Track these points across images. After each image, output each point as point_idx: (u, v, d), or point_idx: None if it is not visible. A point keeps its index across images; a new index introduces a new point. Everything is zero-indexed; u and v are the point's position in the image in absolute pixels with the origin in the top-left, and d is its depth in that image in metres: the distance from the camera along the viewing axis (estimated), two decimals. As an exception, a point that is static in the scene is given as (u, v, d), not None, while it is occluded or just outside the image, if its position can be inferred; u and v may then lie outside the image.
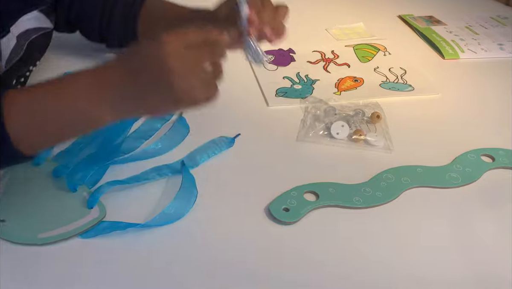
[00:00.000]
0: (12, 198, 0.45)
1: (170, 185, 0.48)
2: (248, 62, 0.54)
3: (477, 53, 0.77)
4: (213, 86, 0.42)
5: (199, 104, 0.41)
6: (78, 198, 0.45)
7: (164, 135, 0.54)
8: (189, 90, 0.39)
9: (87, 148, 0.51)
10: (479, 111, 0.64)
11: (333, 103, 0.61)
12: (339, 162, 0.53)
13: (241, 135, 0.56)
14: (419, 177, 0.51)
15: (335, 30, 0.82)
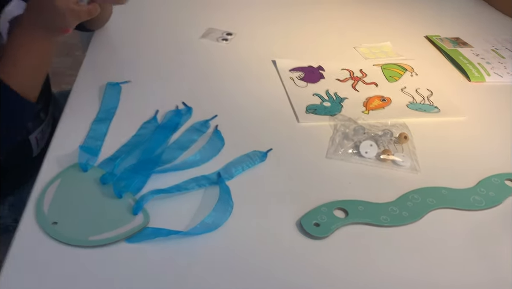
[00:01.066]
0: (63, 202, 0.48)
1: (208, 195, 0.51)
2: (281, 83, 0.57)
3: (503, 77, 0.79)
4: None
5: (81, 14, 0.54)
6: (123, 204, 0.48)
7: (202, 148, 0.57)
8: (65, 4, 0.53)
9: (130, 156, 0.55)
10: (504, 136, 0.66)
11: (361, 122, 0.63)
12: (367, 180, 0.56)
13: (273, 150, 0.59)
14: (444, 198, 0.53)
15: (363, 48, 0.85)
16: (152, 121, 0.61)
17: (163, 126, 0.60)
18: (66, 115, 0.61)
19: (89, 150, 0.54)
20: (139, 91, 0.68)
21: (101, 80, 0.68)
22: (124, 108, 0.64)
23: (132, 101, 0.66)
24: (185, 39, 0.83)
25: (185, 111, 0.64)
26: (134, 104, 0.65)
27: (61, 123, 0.60)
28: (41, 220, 0.46)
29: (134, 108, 0.64)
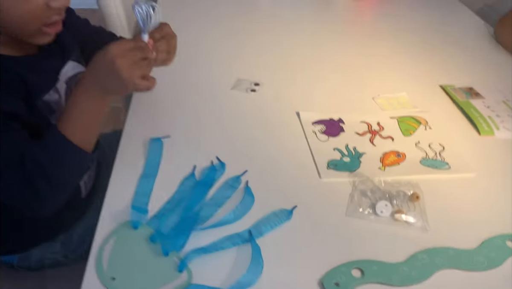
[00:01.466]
0: (119, 258, 0.57)
1: (241, 252, 0.59)
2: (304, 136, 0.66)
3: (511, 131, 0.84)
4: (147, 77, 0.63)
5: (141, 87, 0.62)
6: (170, 261, 0.56)
7: (236, 208, 0.65)
8: (131, 76, 0.60)
9: (173, 214, 0.63)
10: (509, 194, 0.72)
11: (377, 181, 0.70)
12: (382, 239, 0.63)
13: (297, 207, 0.66)
14: (450, 259, 0.60)
15: (381, 99, 0.92)
16: (190, 178, 0.69)
17: (201, 183, 0.68)
18: (116, 171, 0.70)
19: (139, 209, 0.62)
20: (178, 145, 0.76)
21: (144, 134, 0.77)
22: (166, 162, 0.72)
23: (172, 155, 0.74)
24: (217, 91, 0.91)
25: (219, 166, 0.72)
26: (174, 159, 0.73)
27: (112, 180, 0.68)
28: (101, 275, 0.54)
29: (174, 163, 0.72)
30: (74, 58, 0.78)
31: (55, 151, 0.62)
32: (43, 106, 0.69)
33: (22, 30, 0.64)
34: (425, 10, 1.39)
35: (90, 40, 0.86)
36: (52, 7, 0.62)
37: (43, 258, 0.81)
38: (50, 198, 0.64)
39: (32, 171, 0.60)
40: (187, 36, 1.09)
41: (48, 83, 0.71)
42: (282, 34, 1.17)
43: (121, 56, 0.59)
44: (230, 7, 1.31)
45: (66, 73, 0.76)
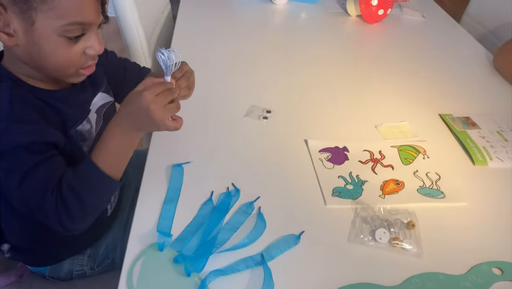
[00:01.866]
0: (146, 277, 0.64)
1: (254, 274, 0.66)
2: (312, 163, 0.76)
3: (504, 161, 0.91)
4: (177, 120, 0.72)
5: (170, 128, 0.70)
6: (192, 281, 0.64)
7: (249, 233, 0.72)
8: (163, 118, 0.68)
9: (194, 236, 0.70)
10: (498, 222, 0.79)
11: (377, 209, 0.78)
12: (380, 263, 0.70)
13: (304, 232, 0.73)
14: (440, 284, 0.67)
15: (383, 128, 0.99)
16: (208, 203, 0.77)
17: (218, 209, 0.76)
18: (142, 196, 0.78)
19: (164, 233, 0.70)
20: (196, 171, 0.84)
21: (166, 161, 0.85)
22: (186, 187, 0.80)
23: (192, 180, 0.81)
24: (232, 119, 0.99)
25: (234, 192, 0.79)
26: (194, 184, 0.81)
27: (139, 204, 0.76)
28: (132, 292, 0.62)
29: (194, 188, 0.80)
30: (103, 89, 0.87)
31: (88, 178, 0.69)
32: (76, 135, 0.77)
33: (62, 73, 0.72)
34: (427, 34, 1.47)
35: (116, 73, 0.94)
36: (88, 54, 0.70)
37: (72, 270, 0.89)
38: (82, 219, 0.72)
39: (67, 195, 0.67)
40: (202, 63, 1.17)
41: (81, 115, 0.79)
42: (292, 62, 1.25)
43: (154, 102, 0.66)
44: (243, 36, 1.38)
45: (96, 103, 0.84)
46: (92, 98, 0.83)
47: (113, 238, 0.92)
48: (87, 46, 0.70)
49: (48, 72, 0.72)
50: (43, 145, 0.69)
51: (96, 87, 0.84)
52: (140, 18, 1.26)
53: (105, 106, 0.86)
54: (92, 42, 0.70)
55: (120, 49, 1.03)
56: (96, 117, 0.83)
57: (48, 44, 0.66)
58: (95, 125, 0.82)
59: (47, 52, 0.67)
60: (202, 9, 1.51)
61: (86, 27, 0.68)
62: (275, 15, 1.54)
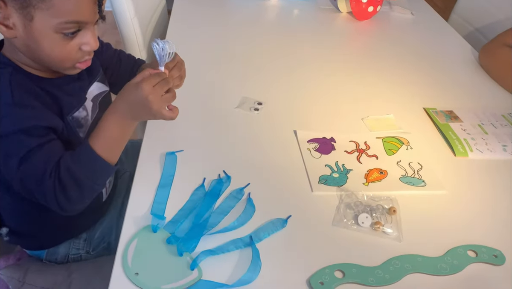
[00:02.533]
0: (141, 257, 0.68)
1: (242, 255, 0.70)
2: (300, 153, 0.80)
3: (483, 153, 0.96)
4: (172, 109, 0.77)
5: (167, 118, 0.76)
6: (183, 261, 0.68)
7: (239, 216, 0.76)
8: (160, 108, 0.73)
9: (186, 219, 0.74)
10: (475, 209, 0.83)
11: (361, 196, 0.82)
12: (362, 246, 0.74)
13: (291, 217, 0.77)
14: (418, 265, 0.71)
15: (369, 120, 1.03)
16: (200, 188, 0.81)
17: (209, 194, 0.79)
18: (136, 182, 0.81)
19: (158, 215, 0.73)
20: (189, 159, 0.87)
21: (160, 149, 0.88)
22: (179, 173, 0.84)
23: (185, 168, 0.85)
24: (224, 110, 1.02)
25: (225, 179, 0.83)
26: (186, 171, 0.84)
27: (133, 189, 0.80)
28: (127, 270, 0.66)
29: (187, 175, 0.84)
30: (99, 79, 0.90)
31: (85, 162, 0.73)
32: (73, 122, 0.80)
33: (58, 66, 0.75)
34: (415, 31, 1.51)
35: (112, 64, 0.97)
36: (83, 50, 0.73)
37: (68, 253, 0.93)
38: (79, 201, 0.75)
39: (65, 178, 0.70)
40: (197, 56, 1.21)
41: (78, 102, 0.82)
42: (284, 57, 1.28)
43: (152, 92, 0.70)
44: (237, 31, 1.42)
45: (92, 92, 0.87)
46: (88, 87, 0.87)
47: (109, 223, 0.96)
48: (83, 43, 0.73)
49: (46, 65, 0.75)
50: (42, 129, 0.72)
51: (92, 76, 0.87)
52: (136, 12, 1.29)
53: (100, 95, 0.90)
54: (88, 39, 0.73)
55: (116, 42, 1.06)
56: (92, 105, 0.86)
57: (45, 39, 0.69)
58: (91, 112, 0.85)
59: (44, 47, 0.70)
60: (197, 4, 1.54)
61: (82, 25, 0.71)
62: (268, 11, 1.58)
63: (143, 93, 0.70)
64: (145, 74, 0.73)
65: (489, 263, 0.73)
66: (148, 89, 0.70)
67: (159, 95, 0.72)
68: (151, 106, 0.71)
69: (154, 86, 0.71)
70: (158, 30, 1.58)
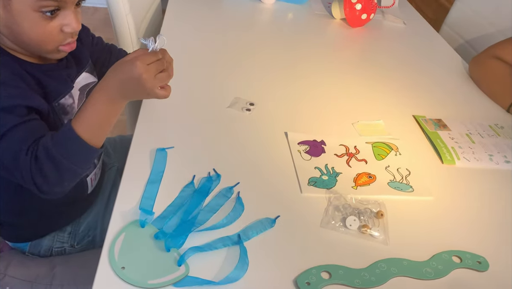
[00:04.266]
0: (128, 251, 0.67)
1: (230, 253, 0.70)
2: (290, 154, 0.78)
3: (470, 161, 0.97)
4: (165, 87, 0.75)
5: (160, 96, 0.74)
6: (171, 256, 0.67)
7: (228, 215, 0.76)
8: (153, 87, 0.71)
9: (175, 216, 0.74)
10: (461, 216, 0.84)
11: (349, 198, 0.82)
12: (349, 248, 0.75)
13: (280, 217, 0.77)
14: (404, 268, 0.72)
15: (359, 125, 1.04)
16: (190, 185, 0.80)
17: (199, 191, 0.79)
18: (126, 176, 0.81)
19: (146, 210, 0.73)
20: (180, 155, 0.87)
21: (151, 145, 0.88)
22: (169, 170, 0.83)
23: (175, 165, 0.85)
24: (216, 109, 1.02)
25: (215, 177, 0.83)
26: (176, 168, 0.84)
27: (122, 184, 0.79)
28: (113, 264, 0.65)
29: (176, 171, 0.83)
30: (88, 70, 0.89)
31: (64, 143, 0.70)
32: (58, 108, 0.80)
33: (40, 49, 0.74)
34: (407, 41, 1.53)
35: (102, 56, 0.97)
36: (65, 31, 0.73)
37: (52, 246, 0.91)
38: (58, 184, 0.72)
39: (42, 157, 0.68)
40: (190, 56, 1.21)
41: (64, 89, 0.82)
42: (277, 59, 1.29)
43: (146, 71, 0.69)
44: (231, 32, 1.42)
45: (79, 82, 0.87)
46: (77, 76, 0.86)
47: (94, 216, 0.95)
48: (64, 24, 0.73)
49: (29, 48, 0.74)
50: (25, 109, 0.71)
51: (81, 66, 0.87)
52: (131, 9, 1.29)
53: (88, 86, 0.89)
54: (69, 20, 0.72)
55: (106, 40, 1.06)
56: (79, 94, 0.86)
57: (25, 19, 0.69)
58: (77, 100, 0.85)
59: (24, 28, 0.70)
60: (191, 4, 1.54)
61: (61, 4, 0.71)
62: (263, 13, 1.58)
63: (137, 70, 0.68)
64: (139, 53, 0.71)
65: (473, 269, 0.74)
66: (143, 66, 0.69)
67: (153, 74, 0.70)
68: (145, 84, 0.69)
69: (148, 64, 0.70)
70: (151, 29, 1.57)
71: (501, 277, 0.74)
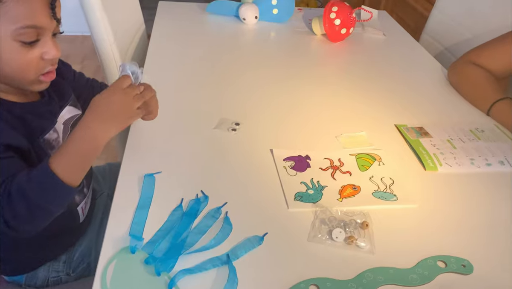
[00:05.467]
0: (119, 278, 0.69)
1: (220, 273, 0.72)
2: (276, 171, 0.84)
3: (452, 167, 1.00)
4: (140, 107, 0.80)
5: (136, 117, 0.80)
6: (162, 280, 0.69)
7: (216, 235, 0.78)
8: (132, 109, 0.77)
9: (164, 240, 0.76)
10: (444, 221, 0.86)
11: (335, 211, 0.84)
12: (336, 260, 0.76)
13: (268, 234, 0.79)
14: (390, 276, 0.74)
15: (343, 138, 1.06)
16: (178, 209, 0.82)
17: (187, 214, 0.81)
18: (115, 203, 0.82)
19: (136, 237, 0.75)
20: (168, 180, 0.89)
21: (139, 171, 0.90)
22: (158, 195, 0.85)
23: (163, 189, 0.87)
24: (202, 130, 1.05)
25: (203, 199, 0.85)
26: (165, 192, 0.86)
27: (112, 211, 0.81)
28: (105, 291, 0.67)
29: (165, 196, 0.85)
30: (71, 103, 0.92)
31: (39, 181, 0.71)
32: (44, 143, 0.82)
33: (21, 79, 0.76)
34: (387, 51, 1.57)
35: (84, 92, 1.00)
36: (45, 59, 0.76)
37: (48, 276, 0.93)
38: (29, 222, 0.72)
39: (15, 195, 0.69)
40: (176, 79, 1.24)
41: (48, 125, 0.84)
42: (261, 77, 1.32)
43: (123, 93, 0.76)
44: (215, 53, 1.46)
45: (63, 116, 0.90)
46: (60, 111, 0.88)
47: (88, 243, 0.97)
48: (44, 51, 0.75)
49: (10, 80, 0.76)
50: (2, 146, 0.72)
51: (64, 100, 0.90)
52: (115, 37, 1.32)
53: (72, 118, 0.92)
54: (48, 47, 0.75)
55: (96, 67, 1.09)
56: (63, 128, 0.88)
57: (5, 49, 0.71)
58: (62, 134, 0.87)
59: (5, 58, 0.72)
60: (176, 28, 1.58)
61: (40, 32, 0.73)
62: (246, 34, 1.62)
63: (115, 95, 0.74)
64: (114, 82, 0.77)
65: (458, 272, 0.76)
66: (120, 90, 0.74)
67: (131, 95, 0.76)
68: (124, 105, 0.75)
69: (125, 88, 0.75)
70: (138, 54, 1.60)
71: (485, 279, 0.76)
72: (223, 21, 1.67)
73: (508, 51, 1.24)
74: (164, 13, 1.68)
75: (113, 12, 1.34)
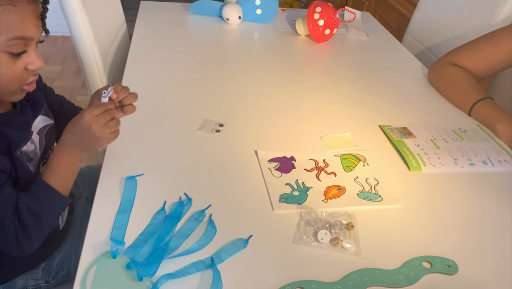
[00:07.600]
0: (100, 284, 0.67)
1: (204, 277, 0.70)
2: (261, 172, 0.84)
3: (436, 167, 1.00)
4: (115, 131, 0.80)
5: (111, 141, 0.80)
6: (143, 286, 0.67)
7: (200, 238, 0.76)
8: (103, 135, 0.77)
9: (146, 244, 0.74)
10: (429, 221, 0.86)
11: (320, 212, 0.84)
12: (322, 262, 0.76)
13: (253, 236, 0.78)
14: (376, 278, 0.73)
15: (327, 139, 1.06)
16: (161, 212, 0.80)
17: (170, 217, 0.79)
18: (95, 207, 0.80)
19: (117, 241, 0.73)
20: (150, 182, 0.87)
21: (120, 174, 0.88)
22: (140, 198, 0.83)
23: (145, 192, 0.85)
24: (185, 132, 1.03)
25: (186, 201, 0.83)
26: (147, 195, 0.84)
27: (92, 215, 0.78)
28: (85, 298, 0.65)
29: (147, 198, 0.83)
30: (43, 112, 0.90)
31: (44, 199, 0.76)
32: (22, 156, 0.80)
33: (6, 90, 0.76)
34: (370, 52, 1.57)
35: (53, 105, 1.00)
36: (29, 69, 0.75)
37: (26, 285, 0.90)
38: (40, 239, 0.77)
39: (27, 218, 0.72)
40: (158, 80, 1.22)
41: (24, 136, 0.82)
42: (244, 78, 1.31)
43: (94, 121, 0.75)
44: (198, 54, 1.44)
45: (37, 126, 0.88)
46: (33, 120, 0.87)
47: (67, 249, 0.94)
48: (28, 62, 0.75)
49: None
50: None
51: (36, 109, 0.88)
52: (95, 38, 1.29)
53: (46, 128, 0.90)
54: (33, 58, 0.75)
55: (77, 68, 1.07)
56: (39, 138, 0.87)
57: None
58: (38, 145, 0.85)
59: None
60: (158, 28, 1.56)
61: (27, 43, 0.73)
62: (229, 34, 1.61)
63: (86, 123, 0.74)
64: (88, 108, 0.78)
65: (443, 273, 0.76)
66: (90, 118, 0.74)
67: (102, 123, 0.75)
68: (94, 133, 0.75)
69: (96, 115, 0.75)
70: (119, 54, 1.58)
71: (471, 279, 0.76)
72: (206, 21, 1.65)
73: (488, 52, 1.26)
74: (146, 13, 1.66)
75: (94, 12, 1.31)
